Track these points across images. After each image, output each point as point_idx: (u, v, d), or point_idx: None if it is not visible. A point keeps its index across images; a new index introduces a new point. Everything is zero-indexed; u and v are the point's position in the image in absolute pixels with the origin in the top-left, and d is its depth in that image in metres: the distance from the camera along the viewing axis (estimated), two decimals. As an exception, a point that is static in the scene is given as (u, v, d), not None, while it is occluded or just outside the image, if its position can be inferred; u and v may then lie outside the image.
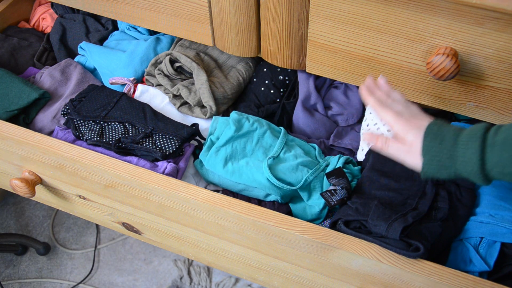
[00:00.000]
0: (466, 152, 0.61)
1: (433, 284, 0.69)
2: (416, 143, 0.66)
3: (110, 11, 0.96)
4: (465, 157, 0.61)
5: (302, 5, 0.77)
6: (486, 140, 0.60)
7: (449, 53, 0.67)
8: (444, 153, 0.63)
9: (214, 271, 1.56)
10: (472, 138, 0.61)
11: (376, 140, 0.70)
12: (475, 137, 0.61)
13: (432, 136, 0.64)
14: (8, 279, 1.56)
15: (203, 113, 0.97)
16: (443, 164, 0.63)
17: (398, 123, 0.69)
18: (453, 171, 0.63)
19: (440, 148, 0.63)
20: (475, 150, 0.60)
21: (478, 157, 0.60)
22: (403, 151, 0.67)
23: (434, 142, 0.64)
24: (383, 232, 0.71)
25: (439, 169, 0.64)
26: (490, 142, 0.59)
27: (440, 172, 0.64)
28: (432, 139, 0.64)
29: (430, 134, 0.65)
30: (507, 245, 0.73)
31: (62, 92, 1.03)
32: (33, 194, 0.94)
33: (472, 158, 0.60)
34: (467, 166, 0.61)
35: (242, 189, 0.87)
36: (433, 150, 0.63)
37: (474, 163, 0.60)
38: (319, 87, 0.99)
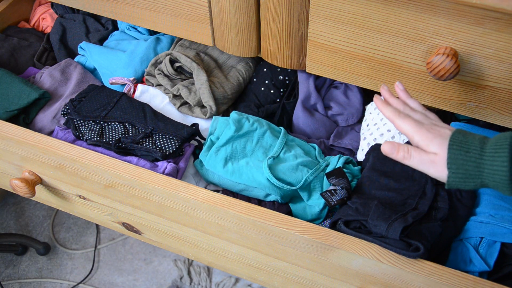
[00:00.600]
0: (494, 162, 0.59)
1: (433, 284, 0.69)
2: (440, 153, 0.63)
3: (110, 11, 0.96)
4: (493, 167, 0.59)
5: (302, 5, 0.77)
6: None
7: (449, 53, 0.67)
8: (471, 162, 0.61)
9: (214, 271, 1.56)
10: (500, 147, 0.59)
11: (397, 151, 0.66)
12: (504, 146, 0.59)
13: (458, 145, 0.62)
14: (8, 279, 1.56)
15: (203, 113, 0.97)
16: (470, 174, 0.61)
17: (418, 134, 0.66)
18: (479, 181, 0.61)
19: (467, 158, 0.61)
20: (504, 160, 0.58)
21: (507, 167, 0.58)
22: (427, 162, 0.64)
23: (460, 151, 0.61)
24: (383, 232, 0.71)
25: (465, 180, 0.62)
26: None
27: (466, 183, 0.62)
28: (458, 149, 0.62)
29: (456, 143, 0.62)
30: (507, 245, 0.73)
31: (62, 92, 1.03)
32: (33, 194, 0.94)
33: (501, 167, 0.58)
34: (495, 176, 0.59)
35: (242, 189, 0.87)
36: (459, 159, 0.61)
37: (503, 173, 0.58)
38: (319, 87, 0.99)
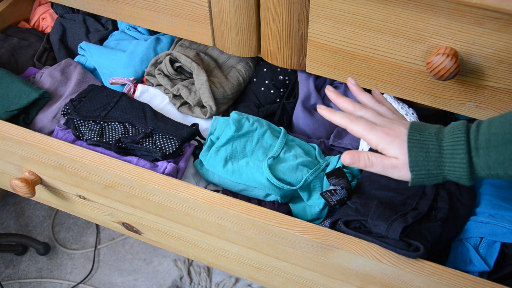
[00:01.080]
0: (453, 161, 0.60)
1: (433, 284, 0.69)
2: (401, 157, 0.63)
3: (110, 11, 0.96)
4: (453, 165, 0.60)
5: (302, 5, 0.77)
6: (470, 144, 0.59)
7: (449, 53, 0.67)
8: (432, 162, 0.61)
9: (214, 271, 1.56)
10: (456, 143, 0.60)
11: (358, 160, 0.65)
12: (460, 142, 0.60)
13: (417, 146, 0.62)
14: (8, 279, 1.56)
15: (203, 113, 0.97)
16: (432, 173, 0.62)
17: (374, 137, 0.64)
18: (441, 178, 0.62)
19: (427, 159, 0.61)
20: (462, 157, 0.59)
21: (466, 164, 0.59)
22: (389, 167, 0.64)
23: (420, 152, 0.62)
24: (383, 232, 0.71)
25: (428, 178, 0.62)
26: (473, 146, 0.59)
27: (430, 180, 0.63)
28: (417, 150, 0.62)
29: (414, 144, 0.62)
30: (507, 245, 0.73)
31: (62, 92, 1.03)
32: (33, 194, 0.94)
33: (461, 165, 0.60)
34: (455, 172, 0.60)
35: (242, 189, 0.87)
36: (420, 161, 0.62)
37: (463, 169, 0.60)
38: (319, 87, 0.99)
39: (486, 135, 0.58)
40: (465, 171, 0.59)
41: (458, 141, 0.60)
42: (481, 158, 0.58)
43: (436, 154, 0.61)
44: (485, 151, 0.58)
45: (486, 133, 0.58)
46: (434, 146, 0.61)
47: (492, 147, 0.57)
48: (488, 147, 0.58)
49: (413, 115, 0.90)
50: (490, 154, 0.58)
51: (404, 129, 0.64)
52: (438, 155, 0.61)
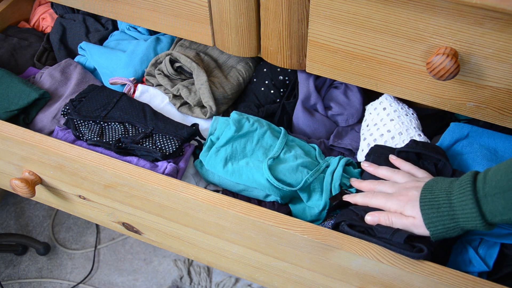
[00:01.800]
0: (464, 211, 0.64)
1: (433, 284, 0.69)
2: (417, 217, 0.69)
3: (110, 11, 0.96)
4: (465, 216, 0.64)
5: (302, 5, 0.77)
6: (477, 193, 0.63)
7: (449, 53, 0.67)
8: (445, 216, 0.66)
9: (214, 271, 1.56)
10: (464, 195, 0.64)
11: (379, 220, 0.73)
12: (467, 193, 0.63)
13: (428, 205, 0.67)
14: (8, 279, 1.56)
15: (203, 113, 0.97)
16: (449, 227, 0.66)
17: (391, 204, 0.73)
18: (460, 229, 0.66)
19: (440, 214, 0.66)
20: (471, 207, 0.63)
21: (477, 213, 0.62)
22: (409, 225, 0.70)
23: (431, 210, 0.67)
24: (388, 236, 0.71)
25: (447, 232, 0.67)
26: (482, 194, 0.62)
27: (449, 233, 0.67)
28: (429, 208, 0.67)
29: (426, 204, 0.68)
30: (507, 245, 0.73)
31: (62, 92, 1.03)
32: (33, 194, 0.94)
33: (472, 215, 0.63)
34: (470, 222, 0.64)
35: (242, 190, 0.87)
36: (434, 218, 0.66)
37: (475, 218, 0.63)
38: (319, 87, 0.99)
39: (493, 182, 0.61)
40: (478, 219, 0.62)
41: (465, 192, 0.63)
42: (490, 205, 0.61)
43: (447, 209, 0.65)
44: (493, 198, 0.61)
45: (492, 180, 0.61)
46: (444, 201, 0.66)
47: (498, 193, 0.60)
48: (494, 194, 0.61)
49: (413, 115, 0.90)
50: (498, 200, 0.60)
51: (416, 192, 0.71)
52: (450, 209, 0.65)
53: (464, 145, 0.85)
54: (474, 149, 0.83)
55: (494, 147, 0.83)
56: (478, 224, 0.63)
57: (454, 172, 0.80)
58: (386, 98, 0.92)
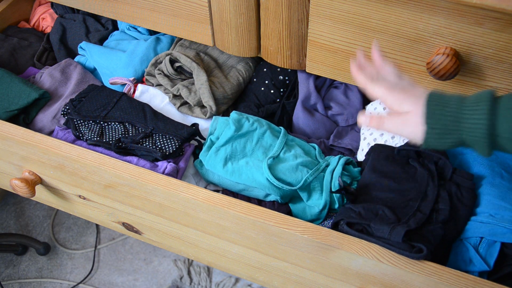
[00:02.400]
0: (474, 114, 0.56)
1: (433, 284, 0.69)
2: (414, 111, 0.60)
3: (110, 11, 0.96)
4: (473, 119, 0.56)
5: (302, 5, 0.77)
6: (498, 103, 0.55)
7: (449, 53, 0.67)
8: (449, 115, 0.58)
9: (214, 271, 1.56)
10: (480, 100, 0.56)
11: (371, 120, 0.64)
12: (485, 99, 0.56)
13: (436, 100, 0.59)
14: (8, 279, 1.56)
15: (203, 113, 0.97)
16: (448, 128, 0.58)
17: (391, 96, 0.63)
18: (457, 137, 0.58)
19: (445, 112, 0.58)
20: (485, 112, 0.55)
21: (488, 120, 0.55)
22: (400, 122, 0.62)
23: (437, 106, 0.58)
24: (386, 235, 0.71)
25: (443, 135, 0.59)
26: (505, 105, 0.55)
27: (443, 139, 0.59)
28: (435, 104, 0.59)
29: (434, 98, 0.59)
30: (507, 245, 0.73)
31: (62, 92, 1.03)
32: (33, 194, 0.94)
33: (480, 120, 0.56)
34: (474, 130, 0.56)
35: (242, 189, 0.87)
36: (437, 114, 0.58)
37: (483, 125, 0.56)
38: (319, 87, 0.99)
39: None
40: (485, 128, 0.55)
41: (483, 98, 0.56)
42: (509, 120, 0.54)
43: (454, 109, 0.57)
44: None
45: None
46: (454, 102, 0.58)
47: None
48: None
49: (413, 115, 0.90)
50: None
51: (423, 90, 0.62)
52: (458, 110, 0.57)
53: (464, 145, 0.85)
54: (475, 149, 0.83)
55: None
56: (482, 134, 0.55)
57: (455, 171, 0.80)
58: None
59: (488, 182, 0.80)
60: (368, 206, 0.77)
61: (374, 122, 0.64)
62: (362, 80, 0.67)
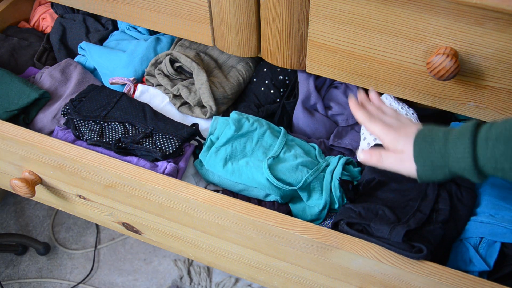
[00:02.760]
0: (457, 148, 0.61)
1: (433, 284, 0.69)
2: (407, 149, 0.66)
3: (110, 11, 0.96)
4: (457, 154, 0.61)
5: (302, 5, 0.77)
6: (477, 135, 0.60)
7: (449, 53, 0.67)
8: (435, 152, 0.63)
9: (214, 271, 1.56)
10: (462, 134, 0.61)
11: (370, 157, 0.71)
12: (466, 132, 0.61)
13: (422, 139, 0.65)
14: (8, 279, 1.56)
15: (203, 113, 0.97)
16: (437, 164, 0.63)
17: (387, 135, 0.70)
18: (447, 170, 0.63)
19: (431, 149, 0.63)
20: (466, 146, 0.60)
21: (470, 152, 0.59)
22: (397, 160, 0.68)
23: (424, 144, 0.64)
24: (386, 235, 0.71)
25: (434, 171, 0.64)
26: (483, 137, 0.59)
27: (436, 174, 0.64)
28: (422, 142, 0.64)
29: (420, 137, 0.65)
30: (507, 245, 0.73)
31: (62, 92, 1.03)
32: (33, 194, 0.94)
33: (464, 154, 0.60)
34: (460, 163, 0.61)
35: (242, 189, 0.87)
36: (424, 152, 0.64)
37: (467, 159, 0.60)
38: (319, 87, 0.99)
39: (499, 129, 0.59)
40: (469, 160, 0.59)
41: (464, 132, 0.61)
42: (488, 150, 0.58)
43: (440, 145, 0.62)
44: (494, 143, 0.58)
45: (499, 127, 0.59)
46: (439, 139, 0.63)
47: (502, 139, 0.58)
48: (497, 139, 0.58)
49: (413, 115, 0.90)
50: (499, 146, 0.58)
51: (415, 129, 0.67)
52: (442, 146, 0.62)
53: (464, 145, 0.85)
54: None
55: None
56: (468, 166, 0.60)
57: (454, 172, 0.80)
58: (386, 98, 0.92)
59: (488, 182, 0.80)
60: (368, 206, 0.77)
61: (374, 158, 0.70)
62: (361, 117, 0.74)
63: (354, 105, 0.76)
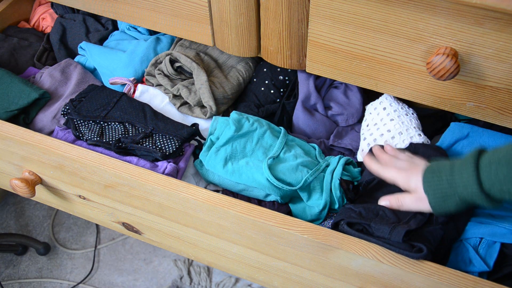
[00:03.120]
0: (463, 175, 0.64)
1: (433, 284, 0.69)
2: (419, 187, 0.69)
3: (110, 11, 0.96)
4: (463, 180, 0.64)
5: (302, 5, 0.77)
6: (480, 160, 0.63)
7: (449, 53, 0.67)
8: (443, 182, 0.66)
9: (214, 271, 1.56)
10: (466, 161, 0.64)
11: (391, 203, 0.74)
12: (470, 159, 0.64)
13: (430, 172, 0.68)
14: (8, 279, 1.56)
15: (203, 113, 0.97)
16: (446, 194, 0.66)
17: (400, 177, 0.73)
18: (458, 199, 0.65)
19: (439, 180, 0.66)
20: (470, 171, 0.63)
21: (475, 177, 0.63)
22: (413, 200, 0.71)
23: (432, 176, 0.67)
24: (386, 235, 0.71)
25: (445, 200, 0.66)
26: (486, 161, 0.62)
27: (448, 203, 0.67)
28: (430, 175, 0.68)
29: (428, 171, 0.69)
30: (506, 245, 0.73)
31: (62, 92, 1.03)
32: (33, 194, 0.94)
33: (469, 179, 0.63)
34: (467, 188, 0.64)
35: (242, 189, 0.87)
36: (433, 184, 0.67)
37: (472, 183, 0.63)
38: (319, 87, 0.99)
39: (502, 153, 0.62)
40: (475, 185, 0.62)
41: (467, 160, 0.64)
42: (491, 173, 0.61)
43: (447, 175, 0.66)
44: (497, 166, 0.61)
45: (502, 151, 0.62)
46: (446, 170, 0.66)
47: (504, 162, 0.61)
48: (499, 162, 0.61)
49: (413, 115, 0.90)
50: (501, 168, 0.61)
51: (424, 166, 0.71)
52: (449, 175, 0.65)
53: (465, 145, 0.85)
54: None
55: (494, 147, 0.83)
56: (475, 191, 0.63)
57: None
58: (386, 98, 0.92)
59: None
60: (368, 206, 0.77)
61: (394, 203, 0.74)
62: (375, 167, 0.78)
63: (369, 158, 0.80)
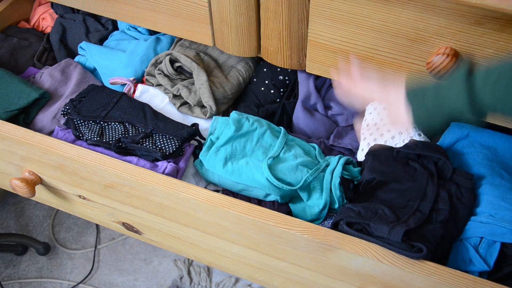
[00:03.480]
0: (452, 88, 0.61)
1: (433, 284, 0.69)
2: (400, 96, 0.67)
3: (110, 11, 0.96)
4: (451, 89, 0.61)
5: (302, 5, 0.77)
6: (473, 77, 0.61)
7: (449, 53, 0.67)
8: (430, 94, 0.64)
9: (214, 271, 1.56)
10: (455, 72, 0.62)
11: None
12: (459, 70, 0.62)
13: (413, 85, 0.67)
14: (8, 279, 1.56)
15: (203, 113, 0.97)
16: (432, 105, 0.64)
17: (376, 87, 0.72)
18: (444, 111, 0.63)
19: (425, 91, 0.65)
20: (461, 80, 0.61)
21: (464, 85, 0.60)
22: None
23: (417, 89, 0.66)
24: (385, 235, 0.71)
25: (429, 113, 0.64)
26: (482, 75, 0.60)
27: (432, 117, 0.64)
28: (412, 86, 0.66)
29: (411, 84, 0.67)
30: (507, 245, 0.73)
31: (62, 92, 1.03)
32: (33, 194, 0.94)
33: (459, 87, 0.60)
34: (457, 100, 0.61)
35: (242, 189, 0.87)
36: (419, 94, 0.65)
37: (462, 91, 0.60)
38: (319, 87, 0.99)
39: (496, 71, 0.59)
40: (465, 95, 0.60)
41: (458, 70, 0.62)
42: (489, 86, 0.59)
43: (433, 87, 0.64)
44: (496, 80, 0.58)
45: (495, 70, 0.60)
46: (432, 82, 0.64)
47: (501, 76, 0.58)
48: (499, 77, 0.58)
49: (413, 115, 0.90)
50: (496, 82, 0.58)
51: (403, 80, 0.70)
52: (436, 87, 0.63)
53: (465, 144, 0.85)
54: (475, 149, 0.83)
55: (494, 146, 0.83)
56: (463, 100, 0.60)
57: (455, 171, 0.80)
58: (386, 98, 0.92)
59: (488, 182, 0.80)
60: (367, 206, 0.77)
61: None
62: (347, 83, 0.78)
63: (338, 78, 0.79)
